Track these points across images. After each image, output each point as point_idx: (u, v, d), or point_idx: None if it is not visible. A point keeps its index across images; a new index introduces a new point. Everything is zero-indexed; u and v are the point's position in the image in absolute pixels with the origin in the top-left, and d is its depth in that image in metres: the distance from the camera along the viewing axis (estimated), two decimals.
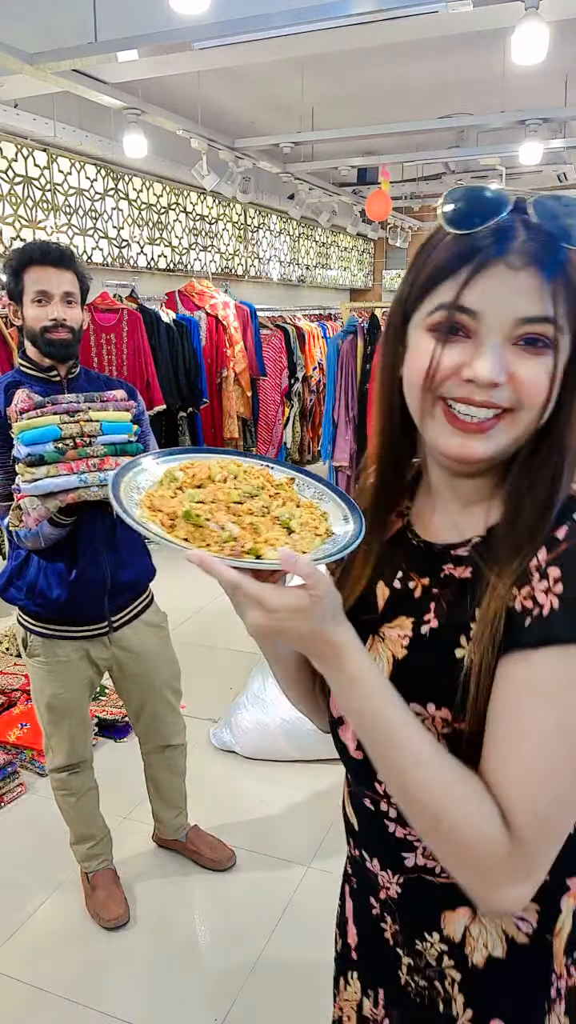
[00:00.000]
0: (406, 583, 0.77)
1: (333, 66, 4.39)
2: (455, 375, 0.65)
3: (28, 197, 4.36)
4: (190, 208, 6.01)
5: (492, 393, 0.64)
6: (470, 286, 0.63)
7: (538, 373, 0.64)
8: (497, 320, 0.63)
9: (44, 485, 1.64)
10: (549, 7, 2.78)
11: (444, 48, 4.16)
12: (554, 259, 0.62)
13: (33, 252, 1.76)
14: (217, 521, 0.65)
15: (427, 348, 0.66)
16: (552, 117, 4.66)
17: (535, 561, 0.65)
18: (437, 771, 0.62)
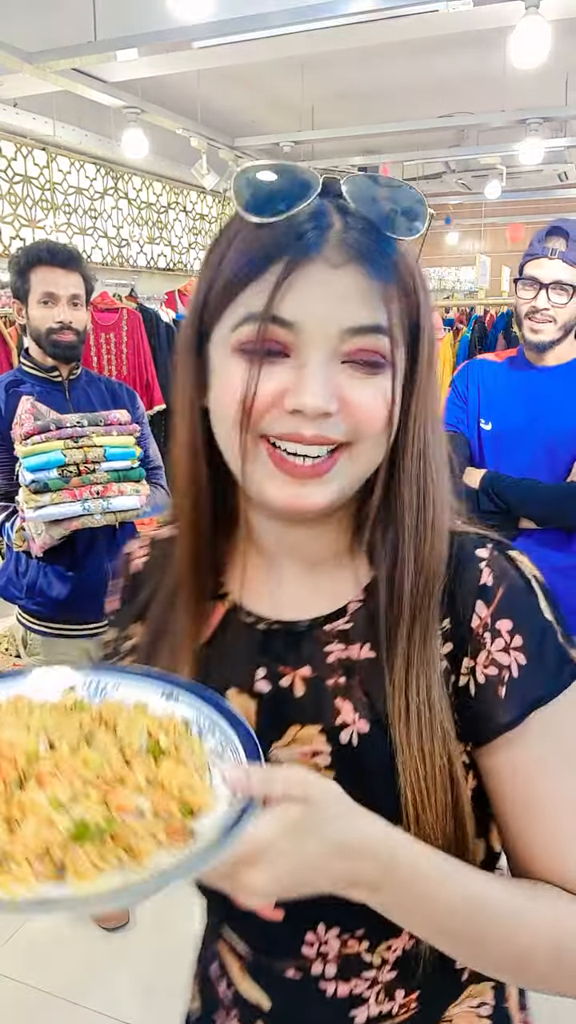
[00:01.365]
0: (276, 681, 0.59)
1: (333, 65, 4.39)
2: (276, 406, 0.51)
3: (27, 196, 4.35)
4: (190, 207, 6.01)
5: (323, 426, 0.51)
6: (283, 291, 0.49)
7: (374, 396, 0.52)
8: (320, 333, 0.50)
9: (48, 513, 1.66)
10: (549, 6, 2.77)
11: (444, 47, 4.15)
12: (382, 254, 0.51)
13: (41, 252, 1.76)
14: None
15: (238, 373, 0.51)
16: (552, 116, 4.66)
17: (476, 620, 0.56)
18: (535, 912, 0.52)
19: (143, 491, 1.74)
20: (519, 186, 7.58)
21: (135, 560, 0.70)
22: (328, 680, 0.58)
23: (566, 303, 1.65)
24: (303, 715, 0.57)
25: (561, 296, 1.65)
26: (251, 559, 0.62)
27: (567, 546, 1.73)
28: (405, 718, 0.54)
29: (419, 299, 0.54)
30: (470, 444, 1.80)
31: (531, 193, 7.78)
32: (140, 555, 0.70)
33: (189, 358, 0.57)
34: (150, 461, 1.97)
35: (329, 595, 0.60)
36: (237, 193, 0.51)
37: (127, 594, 0.69)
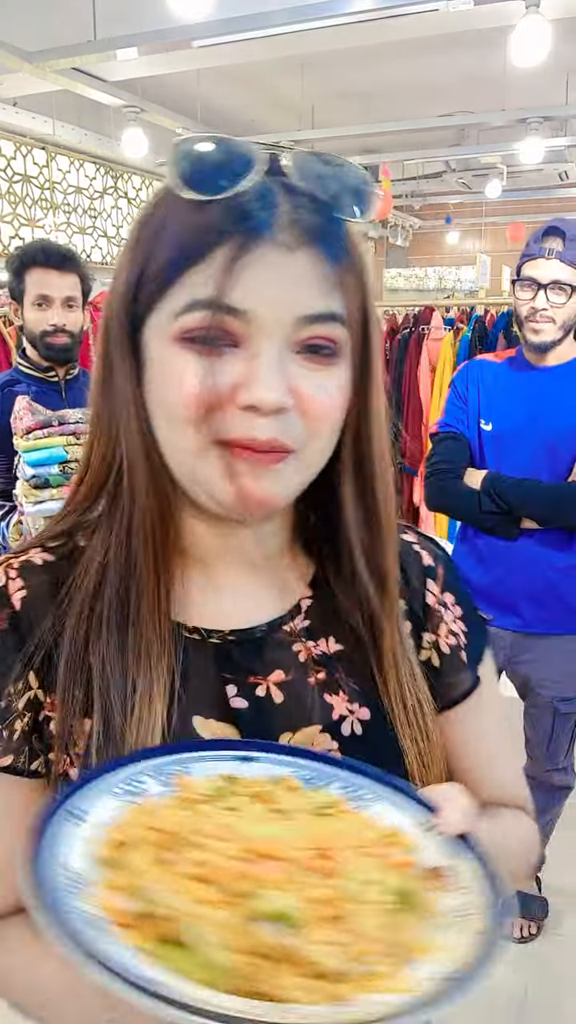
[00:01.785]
0: (250, 694, 0.54)
1: (333, 64, 4.38)
2: (229, 402, 0.47)
3: (27, 195, 4.35)
4: None
5: (278, 425, 0.47)
6: (234, 274, 0.45)
7: (328, 389, 0.49)
8: (274, 321, 0.46)
9: (48, 508, 1.66)
10: (550, 5, 2.77)
11: (445, 46, 4.15)
12: (334, 235, 0.47)
13: (36, 254, 1.75)
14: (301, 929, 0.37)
15: (186, 367, 0.47)
16: (553, 115, 4.66)
17: (431, 597, 0.60)
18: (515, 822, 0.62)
19: None
20: (519, 185, 7.58)
21: (13, 596, 0.55)
22: (308, 678, 0.56)
23: (565, 303, 1.65)
24: (291, 721, 0.54)
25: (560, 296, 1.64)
26: (181, 570, 0.56)
27: (568, 546, 1.72)
28: (400, 699, 0.55)
29: (367, 284, 0.51)
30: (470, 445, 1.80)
31: (532, 192, 7.78)
32: (16, 589, 0.55)
33: (124, 349, 0.51)
34: None
35: (277, 596, 0.57)
36: (174, 167, 0.46)
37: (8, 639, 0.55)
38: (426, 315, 4.40)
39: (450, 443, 1.79)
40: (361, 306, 0.51)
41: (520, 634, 1.71)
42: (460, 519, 1.81)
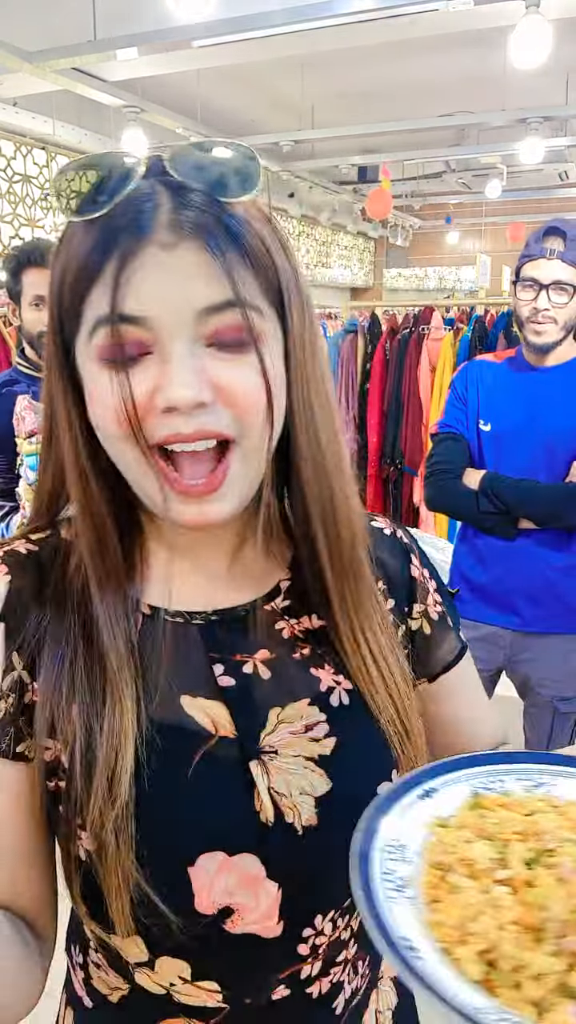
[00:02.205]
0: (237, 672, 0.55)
1: (333, 64, 4.38)
2: (152, 409, 0.48)
3: (27, 195, 4.35)
4: None
5: (202, 418, 0.48)
6: (122, 284, 0.46)
7: (248, 376, 0.49)
8: (174, 321, 0.47)
9: None
10: (550, 5, 2.77)
11: (445, 46, 4.15)
12: (217, 222, 0.47)
13: (32, 254, 1.75)
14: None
15: (107, 384, 0.48)
16: (553, 115, 4.66)
17: (415, 571, 0.65)
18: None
19: None
20: (519, 185, 7.58)
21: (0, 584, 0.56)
22: (294, 654, 0.57)
23: (567, 303, 1.65)
24: (278, 696, 0.55)
25: (561, 296, 1.64)
26: (159, 558, 0.58)
27: (567, 546, 1.72)
28: (367, 670, 0.57)
29: (275, 262, 0.51)
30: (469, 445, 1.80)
31: (531, 192, 7.78)
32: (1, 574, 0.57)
33: (59, 373, 0.52)
34: None
35: (257, 578, 0.59)
36: (58, 196, 0.48)
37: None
38: (426, 315, 4.41)
39: (450, 443, 1.79)
40: (272, 288, 0.51)
41: (519, 633, 1.71)
42: (460, 519, 1.81)
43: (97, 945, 0.56)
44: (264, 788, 0.53)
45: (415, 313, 4.52)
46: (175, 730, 0.53)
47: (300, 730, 0.55)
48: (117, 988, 0.56)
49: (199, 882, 0.51)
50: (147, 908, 0.50)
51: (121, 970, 0.55)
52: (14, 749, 0.54)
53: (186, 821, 0.52)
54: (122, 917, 0.50)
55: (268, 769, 0.53)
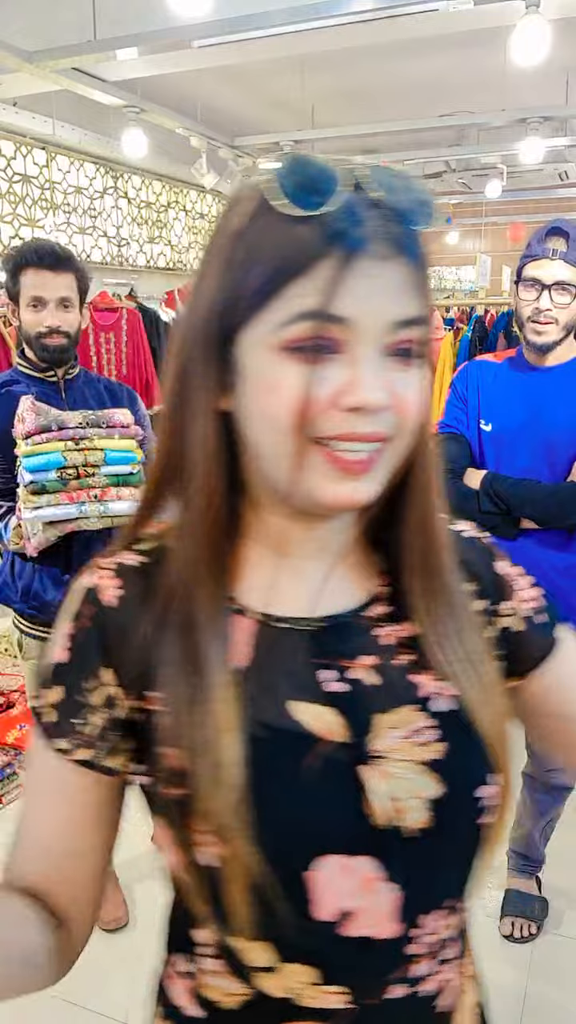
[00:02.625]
0: (344, 677, 0.57)
1: (333, 64, 4.38)
2: (333, 406, 0.50)
3: (27, 195, 4.35)
4: (189, 206, 6.00)
5: (377, 421, 0.52)
6: (338, 286, 0.48)
7: (413, 387, 0.53)
8: (372, 328, 0.50)
9: (45, 514, 1.65)
10: (550, 5, 2.77)
11: (445, 46, 4.14)
12: (416, 244, 0.51)
13: (29, 255, 1.74)
14: None
15: (291, 375, 0.50)
16: (553, 115, 4.66)
17: (501, 570, 0.67)
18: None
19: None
20: (519, 185, 7.57)
21: (106, 595, 0.58)
22: (395, 660, 0.59)
23: (569, 303, 1.65)
24: (383, 703, 0.57)
25: (564, 296, 1.64)
26: (262, 563, 0.60)
27: (567, 546, 1.72)
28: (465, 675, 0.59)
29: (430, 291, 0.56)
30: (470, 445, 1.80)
31: (532, 192, 7.77)
32: (111, 587, 0.58)
33: (209, 360, 0.53)
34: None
35: (354, 587, 0.61)
36: (275, 184, 0.49)
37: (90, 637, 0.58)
38: None
39: (451, 443, 1.79)
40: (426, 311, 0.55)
41: None
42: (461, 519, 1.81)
43: (215, 951, 0.57)
44: (376, 792, 0.54)
45: None
46: (285, 733, 0.54)
47: (408, 735, 0.56)
48: (235, 994, 0.57)
49: (316, 886, 0.52)
50: (267, 912, 0.51)
51: (241, 975, 0.56)
52: (103, 762, 0.57)
53: (301, 825, 0.53)
54: (243, 920, 0.52)
55: (379, 773, 0.54)
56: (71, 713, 0.57)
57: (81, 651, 0.58)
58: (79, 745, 0.57)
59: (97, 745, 0.57)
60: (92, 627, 0.58)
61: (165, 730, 0.54)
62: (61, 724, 0.57)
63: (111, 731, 0.57)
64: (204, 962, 0.58)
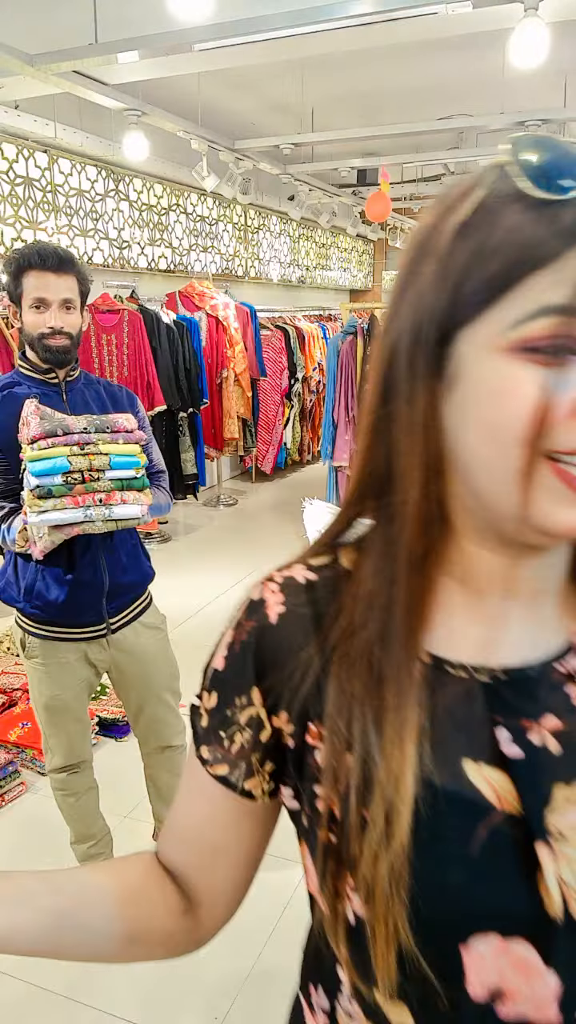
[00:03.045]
0: (524, 740, 0.49)
1: (333, 67, 4.40)
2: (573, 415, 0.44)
3: (29, 198, 4.37)
4: (190, 209, 6.02)
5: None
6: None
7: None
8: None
9: (50, 518, 1.66)
10: (548, 8, 2.78)
11: (444, 49, 4.17)
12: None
13: (31, 257, 1.74)
14: None
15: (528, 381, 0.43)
16: (551, 118, 4.67)
17: None
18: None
19: (145, 500, 1.73)
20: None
21: (270, 610, 0.54)
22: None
23: None
24: (566, 772, 0.49)
25: None
26: (452, 601, 0.52)
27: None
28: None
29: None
30: None
31: None
32: (276, 603, 0.54)
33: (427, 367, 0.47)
34: (153, 465, 1.97)
35: (550, 632, 0.53)
36: (518, 165, 0.44)
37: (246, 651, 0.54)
38: None
39: None
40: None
41: None
42: None
43: (352, 996, 0.53)
44: (551, 875, 0.46)
45: None
46: (455, 796, 0.48)
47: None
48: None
49: (471, 962, 0.47)
50: (414, 977, 0.47)
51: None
52: (242, 785, 0.55)
53: (462, 896, 0.47)
54: (388, 980, 0.48)
55: (556, 854, 0.47)
56: (219, 725, 0.55)
57: (236, 664, 0.55)
58: (219, 760, 0.55)
59: (236, 764, 0.55)
60: (250, 640, 0.54)
61: (327, 772, 0.50)
62: (209, 733, 0.56)
63: (252, 753, 0.54)
64: (343, 1001, 0.55)
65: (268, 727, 0.54)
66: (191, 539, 5.58)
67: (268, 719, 0.54)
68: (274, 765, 0.55)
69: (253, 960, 1.97)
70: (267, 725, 0.54)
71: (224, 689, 0.55)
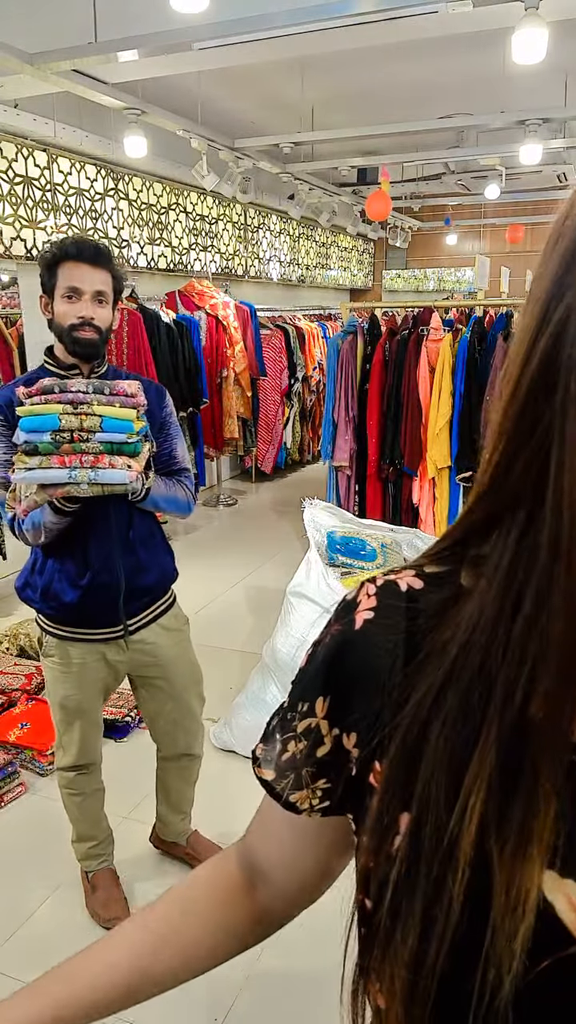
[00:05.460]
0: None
1: (333, 66, 4.40)
2: None
3: (28, 197, 4.36)
4: (190, 208, 6.02)
5: None
6: None
7: None
8: None
9: (34, 476, 1.61)
10: (549, 7, 2.78)
11: (444, 48, 4.16)
12: None
13: (69, 248, 1.76)
14: None
15: None
16: (552, 117, 4.67)
17: None
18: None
19: (135, 467, 1.66)
20: (518, 187, 7.59)
21: (358, 615, 0.47)
22: None
23: None
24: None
25: None
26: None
27: None
28: None
29: None
30: None
31: (530, 194, 7.79)
32: (366, 609, 0.47)
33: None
34: (177, 462, 1.95)
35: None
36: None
37: (326, 653, 0.48)
38: (425, 316, 4.41)
39: None
40: None
41: None
42: None
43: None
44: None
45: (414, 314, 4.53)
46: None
47: None
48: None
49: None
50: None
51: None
52: (287, 796, 0.51)
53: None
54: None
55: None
56: (280, 726, 0.51)
57: (311, 666, 0.50)
58: (267, 763, 0.52)
59: (284, 774, 0.50)
60: (330, 645, 0.49)
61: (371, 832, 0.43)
62: (271, 731, 0.52)
63: (304, 767, 0.49)
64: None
65: (328, 743, 0.48)
66: (191, 539, 5.57)
67: (330, 734, 0.48)
68: (330, 784, 0.49)
69: (253, 960, 1.96)
70: (327, 740, 0.48)
71: (296, 690, 0.51)
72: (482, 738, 0.39)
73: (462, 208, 8.87)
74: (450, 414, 4.20)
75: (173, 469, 1.94)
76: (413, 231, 9.35)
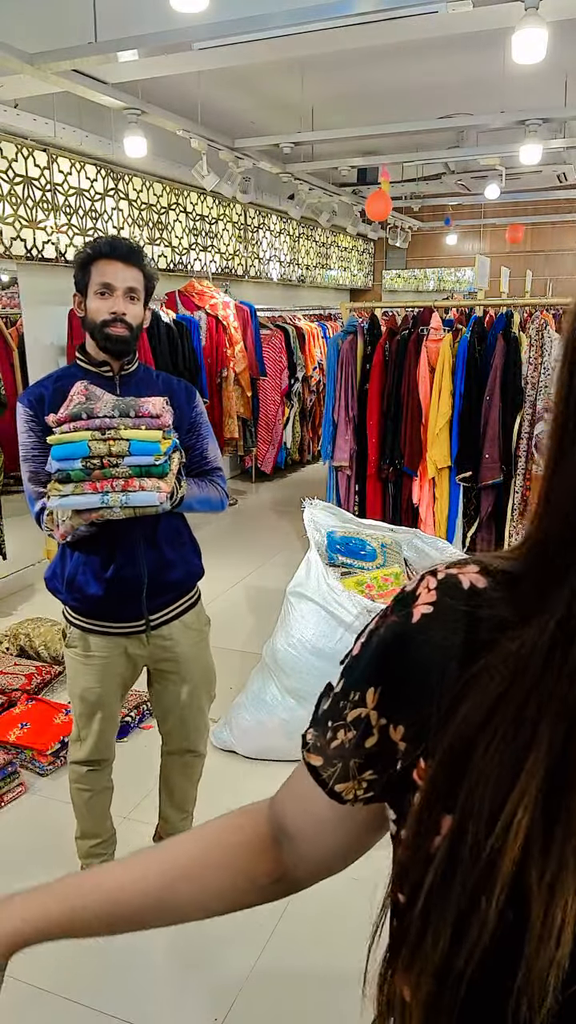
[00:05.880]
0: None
1: (333, 66, 4.40)
2: None
3: (28, 197, 4.36)
4: (190, 208, 6.02)
5: None
6: None
7: None
8: None
9: (69, 503, 1.67)
10: (549, 7, 2.78)
11: (444, 48, 4.16)
12: None
13: (103, 246, 1.78)
14: None
15: None
16: (552, 117, 4.67)
17: None
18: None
19: (164, 488, 1.73)
20: (518, 187, 7.59)
21: (416, 608, 0.46)
22: None
23: None
24: None
25: None
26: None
27: None
28: None
29: None
30: None
31: (530, 194, 7.79)
32: (425, 602, 0.46)
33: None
34: (208, 462, 1.98)
35: None
36: None
37: (379, 643, 0.48)
38: (425, 316, 4.41)
39: None
40: None
41: None
42: None
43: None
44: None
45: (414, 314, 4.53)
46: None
47: None
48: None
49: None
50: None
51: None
52: (332, 785, 0.51)
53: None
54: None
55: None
56: (331, 714, 0.51)
57: (364, 655, 0.49)
58: (317, 749, 0.51)
59: (331, 762, 0.50)
60: (385, 635, 0.48)
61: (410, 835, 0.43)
62: (321, 717, 0.52)
63: (352, 757, 0.49)
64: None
65: (376, 734, 0.48)
66: None
67: (378, 724, 0.48)
68: (376, 776, 0.49)
69: (253, 960, 1.97)
70: (375, 731, 0.48)
71: (348, 678, 0.50)
72: (531, 757, 0.38)
73: (462, 208, 8.87)
74: (450, 414, 4.20)
75: (205, 469, 1.97)
76: (413, 231, 9.35)
